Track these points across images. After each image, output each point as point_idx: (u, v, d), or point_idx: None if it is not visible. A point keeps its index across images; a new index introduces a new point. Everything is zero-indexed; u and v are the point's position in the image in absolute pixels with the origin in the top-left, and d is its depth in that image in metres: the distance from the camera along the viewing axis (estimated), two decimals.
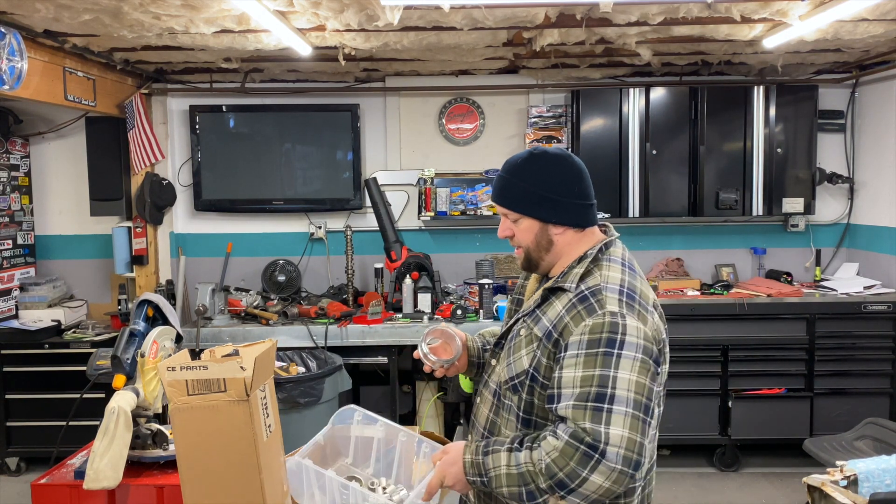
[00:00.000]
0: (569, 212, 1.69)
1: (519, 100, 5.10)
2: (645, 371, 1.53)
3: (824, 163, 5.03)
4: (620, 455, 1.46)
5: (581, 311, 1.58)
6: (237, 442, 1.64)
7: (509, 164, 1.74)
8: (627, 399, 1.49)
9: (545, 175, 1.68)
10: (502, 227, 1.77)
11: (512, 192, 1.71)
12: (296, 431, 2.70)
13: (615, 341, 1.53)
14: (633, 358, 1.52)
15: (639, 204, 4.76)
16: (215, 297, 4.53)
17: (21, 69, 3.37)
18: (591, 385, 1.50)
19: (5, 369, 4.52)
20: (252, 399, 1.63)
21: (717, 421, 4.54)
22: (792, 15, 3.33)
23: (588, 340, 1.54)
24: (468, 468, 1.61)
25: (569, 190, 1.69)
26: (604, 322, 1.55)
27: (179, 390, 1.63)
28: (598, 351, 1.52)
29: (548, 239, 1.71)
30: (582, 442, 1.47)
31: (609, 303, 1.58)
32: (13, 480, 4.54)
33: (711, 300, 4.58)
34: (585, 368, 1.52)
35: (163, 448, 2.30)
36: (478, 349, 1.95)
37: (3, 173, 4.85)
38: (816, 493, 2.75)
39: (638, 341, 1.54)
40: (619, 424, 1.47)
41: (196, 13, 3.25)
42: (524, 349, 1.66)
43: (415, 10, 3.27)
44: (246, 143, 5.00)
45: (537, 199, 1.68)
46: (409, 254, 4.65)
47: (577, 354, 1.54)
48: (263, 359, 1.67)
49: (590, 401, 1.49)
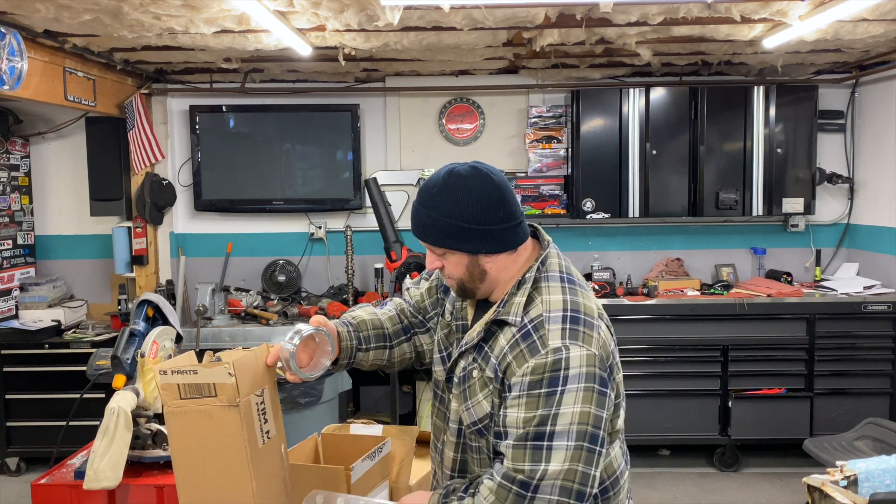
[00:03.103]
0: (497, 239, 1.57)
1: (519, 100, 5.10)
2: (589, 399, 1.47)
3: (824, 163, 5.03)
4: (557, 486, 1.42)
5: (524, 351, 1.51)
6: (228, 448, 1.62)
7: (425, 195, 1.59)
8: (569, 433, 1.44)
9: (464, 205, 1.54)
10: (429, 259, 1.65)
11: (433, 228, 1.58)
12: (296, 431, 2.69)
13: (557, 379, 1.46)
14: (575, 390, 1.46)
15: (639, 204, 4.76)
16: (215, 297, 4.53)
17: (21, 69, 3.37)
18: (532, 425, 1.46)
19: (5, 369, 4.52)
20: (243, 405, 1.61)
21: (717, 421, 4.54)
22: (792, 15, 3.32)
23: (529, 382, 1.48)
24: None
25: (493, 216, 1.55)
26: (545, 362, 1.48)
27: (172, 394, 1.62)
28: (540, 392, 1.46)
29: (480, 269, 1.60)
30: (514, 482, 1.44)
31: (552, 338, 1.50)
32: (13, 480, 4.54)
33: (711, 300, 4.58)
34: (527, 410, 1.47)
35: (163, 448, 2.30)
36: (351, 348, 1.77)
37: (3, 173, 4.85)
38: (816, 493, 2.75)
39: (580, 371, 1.47)
40: (558, 460, 1.43)
41: (196, 13, 3.25)
42: (480, 393, 1.59)
43: (415, 11, 3.27)
44: (246, 143, 5.00)
45: (460, 232, 1.55)
46: (409, 254, 4.65)
47: (519, 396, 1.49)
48: (246, 363, 1.64)
49: (529, 440, 1.45)
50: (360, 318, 1.83)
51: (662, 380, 4.53)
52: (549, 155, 4.95)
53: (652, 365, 4.54)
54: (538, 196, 4.91)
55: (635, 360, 4.51)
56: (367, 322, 1.83)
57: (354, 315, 1.84)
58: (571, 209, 4.85)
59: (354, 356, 1.78)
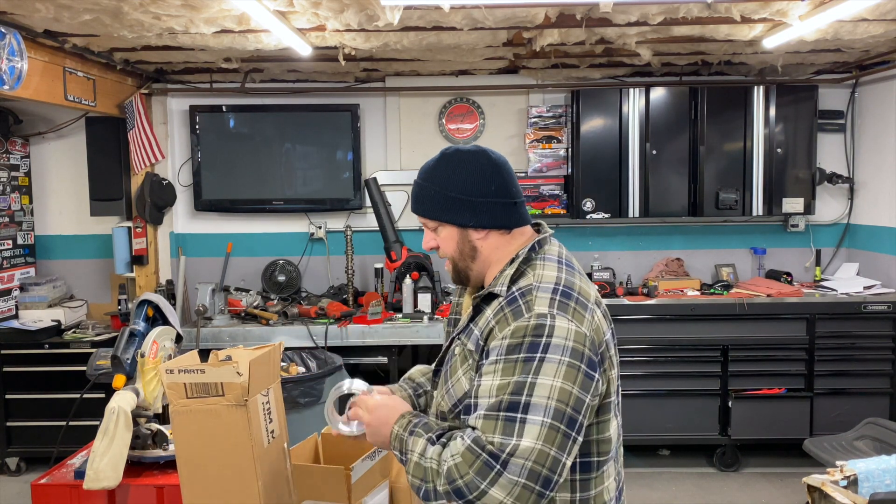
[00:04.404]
0: (487, 213, 1.53)
1: (519, 100, 5.10)
2: (572, 377, 1.36)
3: (824, 163, 5.03)
4: (527, 468, 1.31)
5: (507, 314, 1.44)
6: (235, 447, 1.63)
7: (423, 169, 1.60)
8: (546, 408, 1.34)
9: (456, 176, 1.54)
10: (426, 238, 1.62)
11: (425, 198, 1.57)
12: (296, 431, 2.69)
13: (538, 345, 1.37)
14: (557, 362, 1.36)
15: (639, 204, 4.76)
16: (215, 297, 4.53)
17: (21, 69, 3.37)
18: (506, 393, 1.35)
19: (5, 369, 4.52)
20: (251, 404, 1.62)
21: (717, 421, 4.54)
22: (792, 15, 3.32)
23: (508, 345, 1.39)
24: (393, 439, 1.51)
25: (484, 189, 1.53)
26: (528, 325, 1.39)
27: (178, 393, 1.63)
28: (518, 357, 1.37)
29: (470, 245, 1.56)
30: (483, 449, 1.33)
31: (538, 304, 1.42)
32: (13, 480, 4.54)
33: (711, 300, 4.58)
34: (503, 376, 1.37)
35: (163, 448, 2.30)
36: (409, 398, 1.76)
37: (3, 173, 4.85)
38: (816, 493, 2.75)
39: (566, 343, 1.38)
40: (531, 435, 1.32)
41: (196, 13, 3.25)
42: (460, 369, 1.51)
43: (415, 10, 3.27)
44: (246, 143, 5.00)
45: (450, 203, 1.54)
46: (409, 254, 4.65)
47: (495, 361, 1.39)
48: (261, 363, 1.65)
49: (502, 410, 1.35)
50: (410, 373, 1.86)
51: (662, 380, 4.53)
52: (549, 155, 4.95)
53: (652, 365, 4.54)
54: (538, 196, 4.91)
55: (635, 360, 4.51)
56: (415, 372, 1.86)
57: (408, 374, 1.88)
58: (571, 209, 4.85)
59: (418, 403, 1.78)
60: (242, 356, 1.67)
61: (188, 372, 1.61)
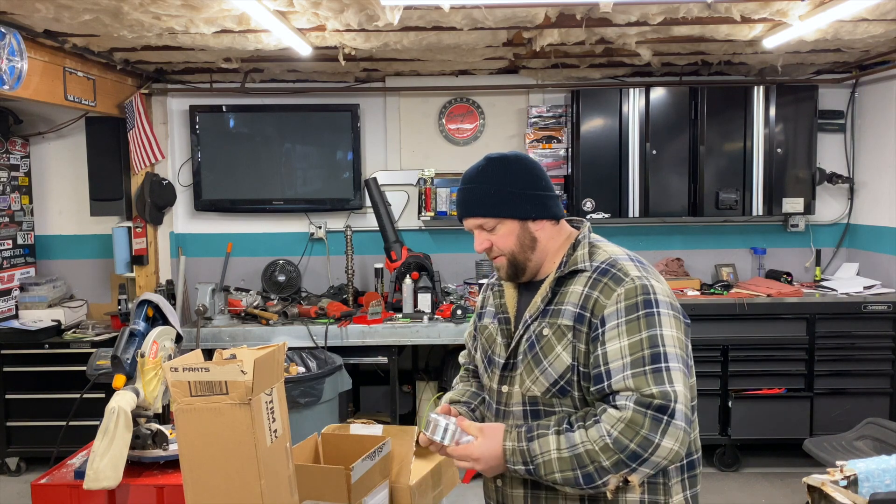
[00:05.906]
0: (543, 205, 1.67)
1: (519, 100, 5.10)
2: (679, 326, 1.54)
3: (824, 163, 5.03)
4: (683, 413, 1.45)
5: (608, 283, 1.56)
6: (238, 446, 1.63)
7: (470, 175, 1.70)
8: (677, 355, 1.49)
9: (511, 173, 1.66)
10: (478, 240, 1.69)
11: (482, 199, 1.66)
12: (296, 431, 2.69)
13: (651, 301, 1.52)
14: (668, 315, 1.53)
15: (639, 204, 4.76)
16: (215, 297, 4.53)
17: (21, 69, 3.37)
18: (643, 349, 1.48)
19: (5, 369, 4.52)
20: (254, 403, 1.62)
21: (717, 421, 4.54)
22: (792, 15, 3.32)
23: (626, 307, 1.52)
24: (509, 456, 1.53)
25: (537, 183, 1.67)
26: (635, 286, 1.54)
27: (182, 391, 1.63)
28: (639, 314, 1.51)
29: (531, 237, 1.66)
30: (650, 407, 1.43)
31: (630, 269, 1.58)
32: (13, 480, 4.54)
33: (711, 300, 4.58)
34: (630, 335, 1.50)
35: (163, 448, 2.30)
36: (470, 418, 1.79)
37: (3, 173, 4.85)
38: (816, 493, 2.74)
39: (666, 299, 1.55)
40: (679, 381, 1.46)
41: (196, 13, 3.25)
42: (559, 345, 1.58)
43: (415, 10, 3.27)
44: (246, 143, 5.00)
45: (510, 198, 1.64)
46: (409, 254, 4.65)
47: (617, 324, 1.52)
48: (265, 362, 1.66)
49: (647, 364, 1.47)
50: (450, 398, 1.88)
51: None
52: (549, 155, 4.95)
53: None
54: None
55: None
56: (454, 395, 1.89)
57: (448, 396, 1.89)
58: (571, 209, 4.85)
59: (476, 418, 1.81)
60: (247, 355, 1.67)
61: (193, 370, 1.61)
